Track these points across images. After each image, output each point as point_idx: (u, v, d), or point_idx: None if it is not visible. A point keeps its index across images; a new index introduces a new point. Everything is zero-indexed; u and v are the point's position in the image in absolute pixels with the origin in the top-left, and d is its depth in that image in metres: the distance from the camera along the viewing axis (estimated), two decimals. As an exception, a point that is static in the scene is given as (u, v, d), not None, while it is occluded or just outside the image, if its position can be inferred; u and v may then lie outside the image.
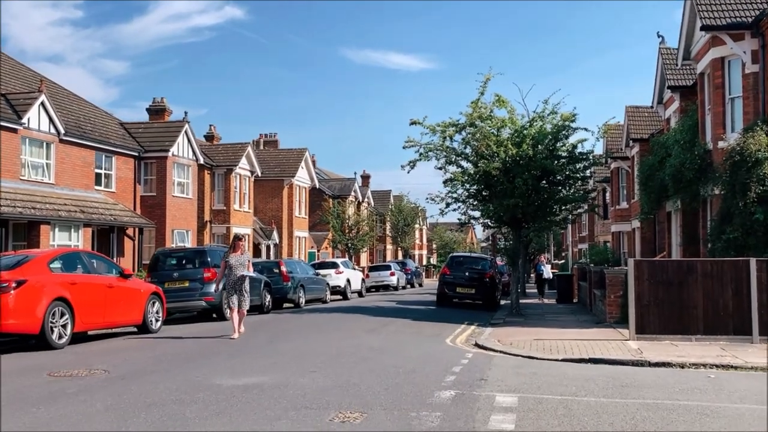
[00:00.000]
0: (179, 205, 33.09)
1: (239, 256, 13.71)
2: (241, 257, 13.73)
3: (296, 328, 15.50)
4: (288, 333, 14.42)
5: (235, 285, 13.50)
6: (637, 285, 13.69)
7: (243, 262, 13.66)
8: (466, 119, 19.84)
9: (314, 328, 15.39)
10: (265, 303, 20.31)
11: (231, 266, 13.55)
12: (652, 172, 22.43)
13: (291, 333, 14.38)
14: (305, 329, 15.24)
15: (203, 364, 9.69)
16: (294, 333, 14.38)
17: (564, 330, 16.18)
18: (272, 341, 12.78)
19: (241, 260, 13.65)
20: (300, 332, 14.57)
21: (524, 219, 20.67)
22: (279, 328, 15.72)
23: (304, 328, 15.63)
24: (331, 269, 29.48)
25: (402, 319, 18.09)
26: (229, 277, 13.54)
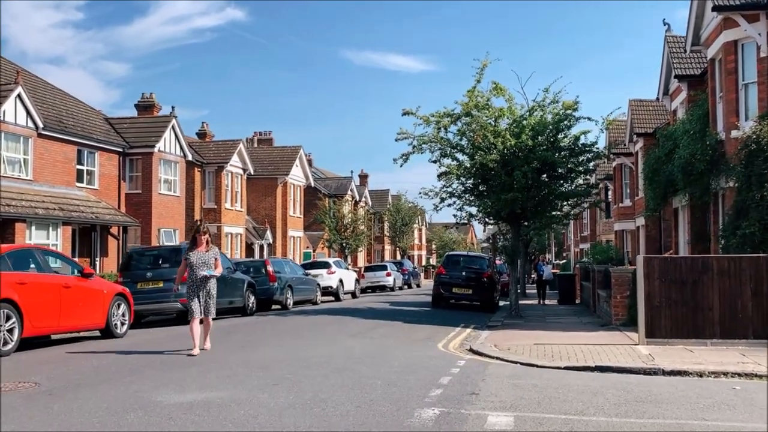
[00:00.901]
0: (166, 203, 31.89)
1: (203, 253, 11.20)
2: (205, 254, 11.21)
3: (275, 333, 14.29)
4: (264, 338, 13.20)
5: (197, 288, 11.09)
6: (647, 284, 12.48)
7: (207, 261, 11.18)
8: (461, 109, 18.63)
9: (294, 333, 14.18)
10: (248, 305, 19.10)
11: (192, 265, 11.11)
12: (658, 166, 21.20)
13: (267, 338, 13.16)
14: (284, 334, 14.03)
15: (151, 376, 8.46)
16: (271, 338, 13.16)
17: (566, 333, 14.97)
18: (243, 347, 11.57)
19: (204, 258, 11.16)
20: (277, 337, 13.35)
21: (524, 215, 19.46)
22: (256, 332, 14.52)
23: (283, 332, 14.41)
24: (323, 269, 28.24)
25: (393, 322, 16.89)
26: (190, 278, 11.15)
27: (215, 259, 11.33)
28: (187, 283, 11.21)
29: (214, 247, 11.46)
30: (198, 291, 11.10)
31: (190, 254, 11.21)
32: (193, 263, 11.11)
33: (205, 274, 11.08)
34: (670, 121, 24.62)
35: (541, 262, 27.30)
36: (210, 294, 11.21)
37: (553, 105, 18.74)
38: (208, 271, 11.10)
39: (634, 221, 34.63)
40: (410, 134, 19.29)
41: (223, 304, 18.04)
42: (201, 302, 11.06)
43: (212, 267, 11.20)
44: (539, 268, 27.16)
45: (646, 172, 22.28)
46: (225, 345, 11.94)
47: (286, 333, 14.13)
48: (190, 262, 11.14)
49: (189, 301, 11.14)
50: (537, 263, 27.68)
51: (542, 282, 27.06)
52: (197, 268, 11.07)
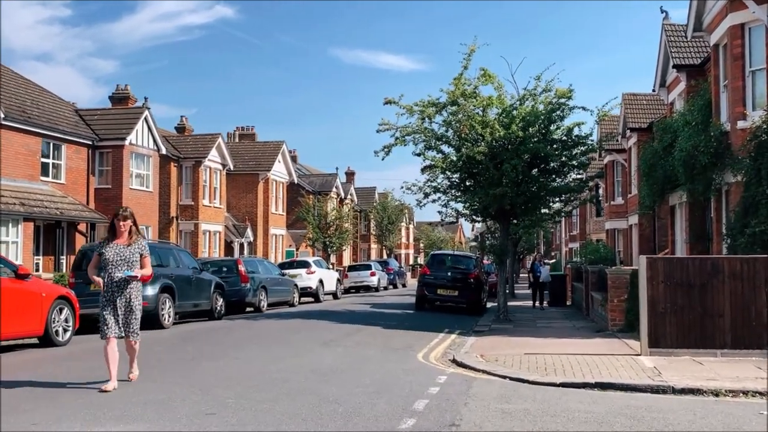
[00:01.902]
0: (138, 198, 30.34)
1: (123, 247, 8.00)
2: (127, 249, 8.00)
3: (237, 341, 12.88)
4: (222, 348, 11.78)
5: (113, 295, 7.95)
6: (650, 288, 11.20)
7: (129, 257, 7.97)
8: (447, 97, 17.29)
9: (260, 340, 12.79)
10: (216, 308, 17.69)
11: (107, 263, 7.96)
12: (655, 161, 20.00)
13: (226, 348, 11.75)
14: (247, 342, 12.63)
15: (65, 400, 7.06)
16: (230, 347, 11.75)
17: (559, 340, 13.68)
18: (192, 360, 10.16)
19: (124, 254, 7.96)
20: (238, 346, 11.94)
21: (513, 212, 18.15)
22: (216, 339, 13.11)
23: (247, 339, 13.02)
24: (302, 269, 26.81)
25: (371, 327, 15.54)
26: (104, 280, 8.00)
27: (141, 255, 8.16)
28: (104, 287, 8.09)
29: (140, 238, 8.28)
30: (114, 299, 7.96)
31: (108, 248, 8.05)
32: (110, 260, 7.95)
33: (123, 275, 7.88)
34: (667, 114, 23.42)
35: (538, 262, 25.18)
36: (131, 305, 8.08)
37: (545, 94, 17.45)
38: (126, 272, 7.88)
39: (626, 220, 33.46)
40: (392, 125, 17.97)
41: (187, 307, 16.67)
42: (119, 315, 8.00)
43: (135, 266, 8.04)
44: (536, 268, 24.43)
45: (642, 167, 21.06)
46: (173, 356, 10.54)
47: (250, 341, 12.74)
48: (105, 259, 7.99)
49: (101, 312, 8.02)
50: (533, 263, 25.40)
51: (539, 284, 24.57)
52: (114, 268, 7.93)
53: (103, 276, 8.02)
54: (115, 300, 7.97)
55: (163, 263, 15.86)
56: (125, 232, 8.08)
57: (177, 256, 16.60)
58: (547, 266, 24.47)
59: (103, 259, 8.03)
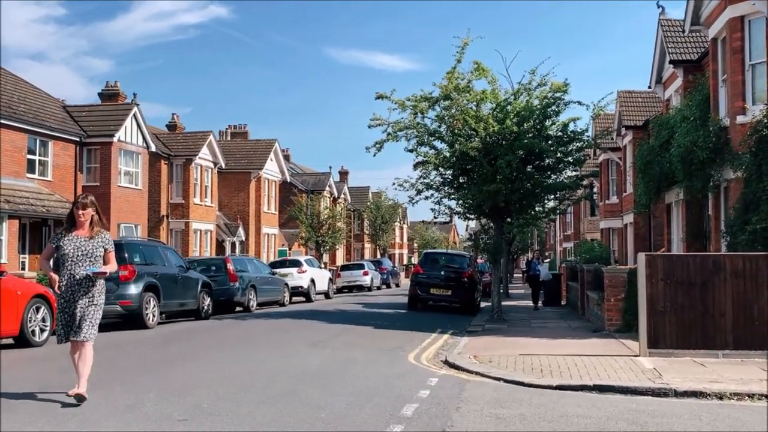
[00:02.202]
0: (127, 196, 29.86)
1: (84, 240, 6.83)
2: (89, 242, 6.83)
3: (222, 341, 12.45)
4: (205, 348, 11.34)
5: (74, 296, 6.77)
6: (649, 286, 10.83)
7: (92, 252, 6.81)
8: (440, 92, 16.89)
9: (245, 341, 12.35)
10: (203, 307, 17.23)
11: (67, 257, 6.78)
12: (652, 158, 19.62)
13: (209, 348, 11.31)
14: (232, 342, 12.19)
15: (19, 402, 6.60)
16: (213, 348, 11.31)
17: (555, 341, 13.29)
18: (173, 362, 9.71)
19: (85, 247, 6.80)
20: (222, 347, 11.51)
21: (507, 209, 17.75)
22: (200, 340, 12.67)
23: (232, 340, 12.58)
24: (293, 268, 26.35)
25: (362, 327, 15.12)
26: (62, 276, 6.80)
27: (105, 250, 6.91)
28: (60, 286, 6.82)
29: (103, 231, 7.00)
30: (76, 299, 6.75)
31: (65, 239, 6.84)
32: (67, 255, 6.77)
33: (88, 273, 6.73)
34: (663, 110, 23.07)
35: (536, 260, 23.87)
36: (94, 304, 6.82)
37: (540, 89, 17.07)
38: (91, 269, 6.74)
39: (621, 219, 33.13)
40: (384, 120, 17.56)
41: (173, 306, 16.22)
42: (77, 317, 6.74)
43: (98, 262, 6.84)
44: (533, 266, 23.17)
45: (639, 164, 20.68)
46: (153, 357, 10.10)
47: (235, 341, 12.31)
48: (64, 254, 6.79)
49: (59, 314, 6.89)
50: (531, 261, 24.54)
51: (538, 283, 23.31)
52: (74, 264, 6.76)
53: (62, 273, 6.82)
54: (77, 301, 6.76)
55: (148, 261, 15.42)
56: (86, 222, 6.86)
57: (163, 255, 16.15)
58: (546, 264, 23.68)
59: (62, 253, 6.81)
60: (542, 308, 23.94)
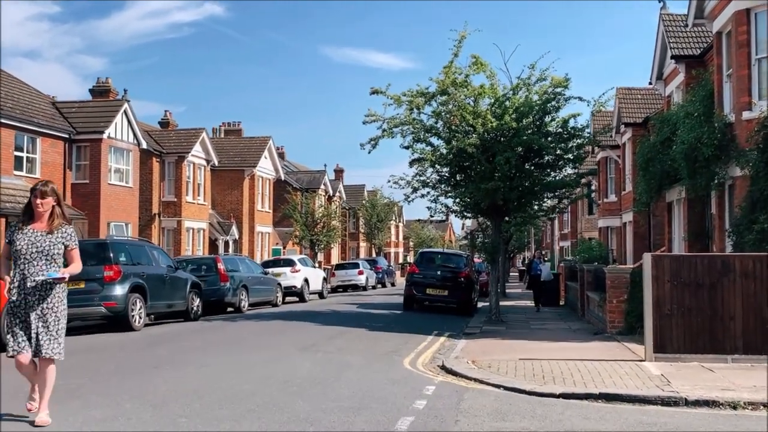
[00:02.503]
0: (117, 194, 29.30)
1: (41, 234, 5.83)
2: (46, 237, 5.82)
3: (209, 345, 11.95)
4: (191, 353, 10.83)
5: (26, 301, 5.76)
6: (655, 287, 10.37)
7: (49, 249, 5.80)
8: (437, 87, 16.40)
9: (234, 345, 11.86)
10: (192, 308, 16.72)
11: (19, 254, 5.77)
12: (653, 155, 19.16)
13: (195, 353, 10.80)
14: (220, 346, 11.69)
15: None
16: (199, 352, 10.80)
17: (556, 344, 12.82)
18: (156, 367, 9.19)
19: (41, 243, 5.79)
20: (209, 351, 11.01)
21: (506, 208, 17.28)
22: (187, 343, 12.16)
23: (220, 344, 12.08)
24: (287, 267, 25.84)
25: (356, 329, 14.63)
26: (13, 276, 5.84)
27: (66, 247, 5.88)
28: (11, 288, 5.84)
29: (65, 224, 5.97)
30: (29, 308, 5.73)
31: (18, 234, 5.83)
32: (20, 252, 5.76)
33: (45, 278, 5.72)
34: (664, 107, 22.63)
35: (538, 260, 22.76)
36: (54, 314, 5.78)
37: (539, 84, 16.60)
38: (50, 274, 5.72)
39: (620, 217, 32.69)
40: (380, 116, 17.08)
41: (161, 307, 15.71)
42: (32, 327, 5.70)
43: (57, 262, 5.84)
44: (535, 266, 21.98)
45: (639, 162, 20.24)
46: (135, 363, 9.59)
47: (222, 345, 11.81)
48: (16, 250, 5.78)
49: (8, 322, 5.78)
50: (532, 260, 23.14)
51: (539, 284, 22.16)
52: (27, 263, 5.75)
53: (14, 274, 5.78)
54: (31, 310, 5.72)
55: (134, 261, 14.90)
56: (45, 214, 5.79)
57: (150, 254, 15.64)
58: (548, 264, 22.90)
59: (14, 249, 5.77)
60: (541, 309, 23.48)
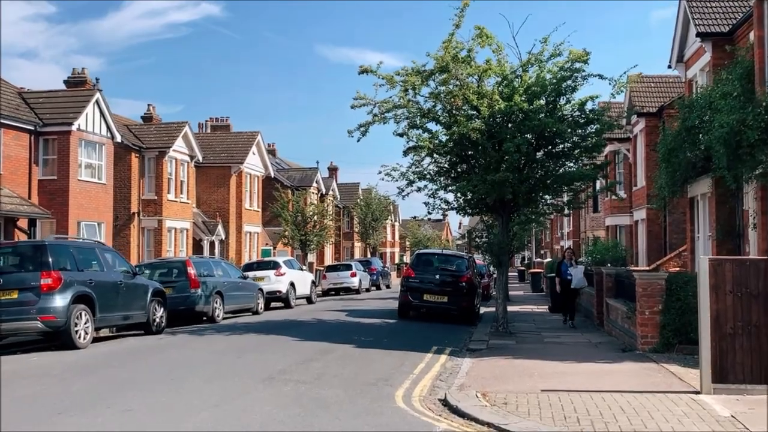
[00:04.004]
0: (88, 191, 26.99)
1: None
2: None
3: (154, 371, 9.67)
4: (123, 385, 8.55)
5: None
6: (714, 299, 8.19)
7: None
8: (435, 63, 14.19)
9: (185, 370, 9.61)
10: (154, 320, 14.48)
11: None
12: (677, 144, 17.01)
13: (126, 386, 8.50)
14: (167, 372, 9.44)
15: None
16: (132, 385, 8.51)
17: (580, 365, 10.63)
18: (65, 410, 6.93)
19: None
20: (148, 382, 8.74)
21: (514, 202, 15.08)
22: (127, 369, 9.90)
23: (169, 369, 9.82)
24: (270, 270, 23.53)
25: (341, 346, 12.42)
26: None
27: None
28: None
29: None
30: None
31: None
32: None
33: None
34: (685, 92, 20.46)
35: (567, 261, 17.39)
36: None
37: (553, 60, 14.39)
38: None
39: (630, 215, 30.58)
40: (370, 99, 14.86)
41: (114, 320, 13.50)
42: None
43: None
44: (563, 270, 17.04)
45: (660, 153, 18.05)
46: (40, 403, 7.33)
47: (169, 371, 9.55)
48: None
49: None
50: (561, 262, 17.72)
51: (570, 292, 17.12)
52: None
53: None
54: None
55: (80, 267, 12.65)
56: None
57: (101, 258, 13.38)
58: (581, 266, 17.33)
59: None
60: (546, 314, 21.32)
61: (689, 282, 11.58)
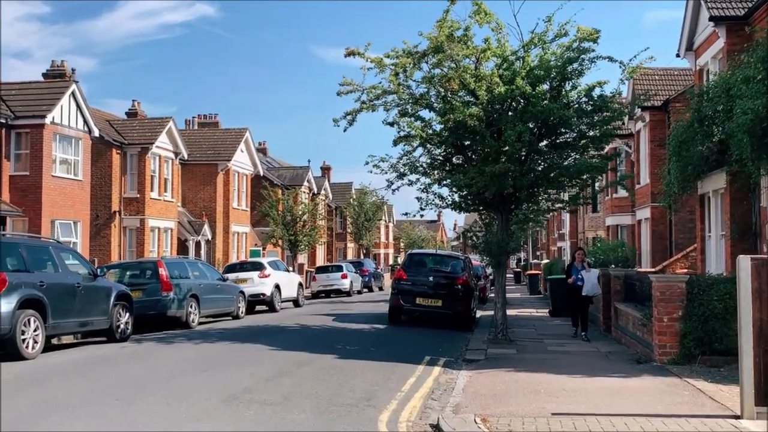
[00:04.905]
0: (63, 188, 25.59)
1: None
2: None
3: (103, 388, 8.30)
4: (54, 406, 7.18)
5: None
6: (758, 307, 6.91)
7: None
8: (428, 43, 12.87)
9: (136, 388, 8.24)
10: (118, 326, 13.10)
11: None
12: (690, 136, 15.76)
13: (58, 406, 7.14)
14: (115, 390, 8.07)
15: None
16: (66, 409, 7.15)
17: (592, 380, 9.33)
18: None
19: None
20: (87, 404, 7.37)
21: (516, 198, 13.76)
22: (71, 385, 8.52)
23: (121, 386, 8.43)
24: (254, 272, 22.13)
25: (322, 357, 11.07)
26: None
27: None
28: None
29: None
30: None
31: None
32: None
33: None
34: (696, 82, 19.21)
35: (578, 263, 14.76)
36: None
37: (558, 41, 13.09)
38: None
39: (632, 214, 29.33)
40: (357, 85, 13.55)
41: (70, 327, 12.14)
42: None
43: None
44: (575, 273, 14.55)
45: (671, 145, 16.79)
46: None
47: (117, 389, 8.18)
48: None
49: None
50: (570, 265, 15.29)
51: (582, 300, 14.58)
52: None
53: None
54: None
55: (29, 267, 11.27)
56: None
57: (56, 258, 11.99)
58: (595, 270, 14.75)
59: None
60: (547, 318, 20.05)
61: (714, 285, 10.32)
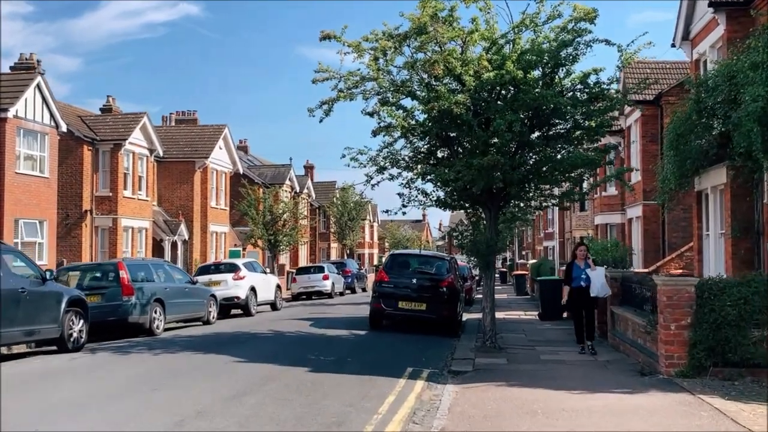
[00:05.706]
0: (28, 185, 24.27)
1: None
2: None
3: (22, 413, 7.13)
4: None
5: None
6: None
7: None
8: (411, 25, 11.79)
9: (69, 414, 7.10)
10: (70, 334, 11.91)
11: None
12: (688, 129, 14.81)
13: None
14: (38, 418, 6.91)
15: None
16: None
17: (593, 396, 8.28)
18: None
19: None
20: None
21: (505, 193, 12.70)
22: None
23: (48, 409, 7.27)
24: (228, 274, 20.94)
25: (292, 370, 9.95)
26: None
27: None
28: None
29: None
30: None
31: None
32: None
33: None
34: (692, 73, 18.28)
35: (581, 261, 12.41)
36: None
37: (551, 23, 12.07)
38: None
39: (622, 213, 28.47)
40: (334, 72, 12.45)
41: (13, 337, 10.94)
42: None
43: None
44: (576, 273, 12.30)
45: (669, 138, 15.82)
46: None
47: (42, 416, 7.03)
48: None
49: None
50: (571, 263, 12.71)
51: (588, 302, 12.47)
52: None
53: None
54: None
55: (-37, 271, 10.10)
56: None
57: (-5, 260, 10.83)
58: (600, 269, 12.63)
59: None
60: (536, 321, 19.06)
61: (726, 289, 9.33)
